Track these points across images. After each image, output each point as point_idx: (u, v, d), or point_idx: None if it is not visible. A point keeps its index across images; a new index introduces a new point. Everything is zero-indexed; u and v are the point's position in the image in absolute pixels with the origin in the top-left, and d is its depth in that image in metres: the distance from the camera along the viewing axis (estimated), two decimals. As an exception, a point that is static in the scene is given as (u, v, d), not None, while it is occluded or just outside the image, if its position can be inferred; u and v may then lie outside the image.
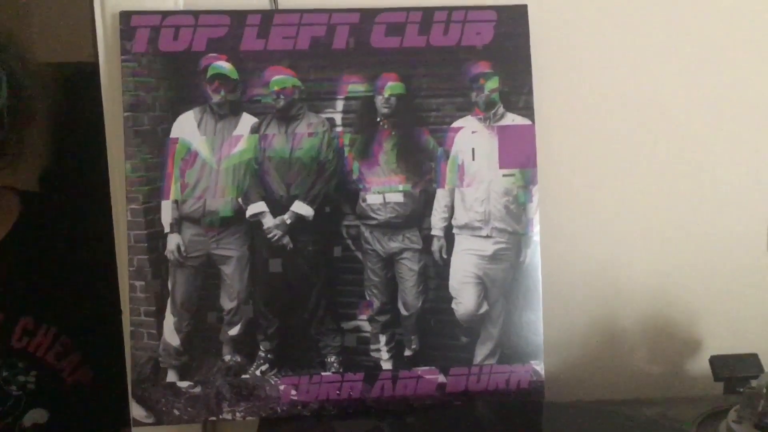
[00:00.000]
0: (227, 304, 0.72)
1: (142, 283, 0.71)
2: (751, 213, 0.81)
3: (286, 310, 0.72)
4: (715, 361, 0.76)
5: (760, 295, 0.82)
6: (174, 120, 0.71)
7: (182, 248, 0.71)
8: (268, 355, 0.72)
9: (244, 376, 0.72)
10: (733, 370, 0.76)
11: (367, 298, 0.73)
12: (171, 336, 0.71)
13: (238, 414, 0.72)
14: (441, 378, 0.74)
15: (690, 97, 0.79)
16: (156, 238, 0.71)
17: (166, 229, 0.71)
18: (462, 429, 0.72)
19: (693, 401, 0.75)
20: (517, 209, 0.74)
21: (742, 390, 0.75)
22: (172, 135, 0.71)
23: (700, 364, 0.79)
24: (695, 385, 0.81)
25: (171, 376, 0.71)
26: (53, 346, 0.89)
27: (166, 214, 0.71)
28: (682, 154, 0.80)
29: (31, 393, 0.88)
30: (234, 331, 0.72)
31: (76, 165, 1.02)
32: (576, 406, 0.74)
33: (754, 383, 0.70)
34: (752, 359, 0.76)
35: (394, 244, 0.74)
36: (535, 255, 0.74)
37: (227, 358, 0.72)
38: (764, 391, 0.67)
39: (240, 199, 0.72)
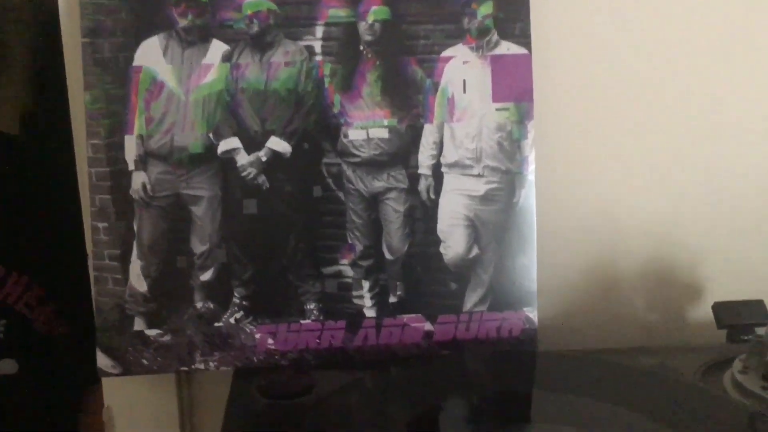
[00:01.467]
0: (198, 247, 0.67)
1: (106, 224, 0.66)
2: (760, 152, 0.76)
3: (262, 254, 0.68)
4: (718, 307, 0.72)
5: (765, 238, 0.78)
6: (137, 47, 0.65)
7: (148, 187, 0.66)
8: (243, 302, 0.67)
9: (217, 324, 0.67)
10: (737, 317, 0.72)
11: (349, 241, 0.68)
12: (138, 281, 0.66)
13: (211, 364, 0.68)
14: (428, 326, 0.70)
15: (697, 28, 0.73)
16: (120, 176, 0.66)
17: (131, 167, 0.66)
18: (450, 379, 0.68)
19: (694, 350, 0.71)
20: (511, 146, 0.69)
21: (746, 338, 0.71)
22: (135, 63, 0.65)
23: (703, 311, 0.75)
24: (697, 333, 0.77)
25: (138, 324, 0.67)
26: (24, 295, 0.85)
27: (131, 150, 0.66)
28: (688, 90, 0.74)
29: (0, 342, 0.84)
30: (206, 276, 0.67)
31: (53, 105, 0.97)
32: (570, 355, 0.70)
33: (760, 331, 0.67)
34: (758, 306, 0.72)
35: (378, 184, 0.68)
36: (529, 196, 0.69)
37: (199, 305, 0.67)
38: (772, 339, 0.63)
39: (211, 135, 0.66)
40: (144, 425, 0.76)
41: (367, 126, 0.68)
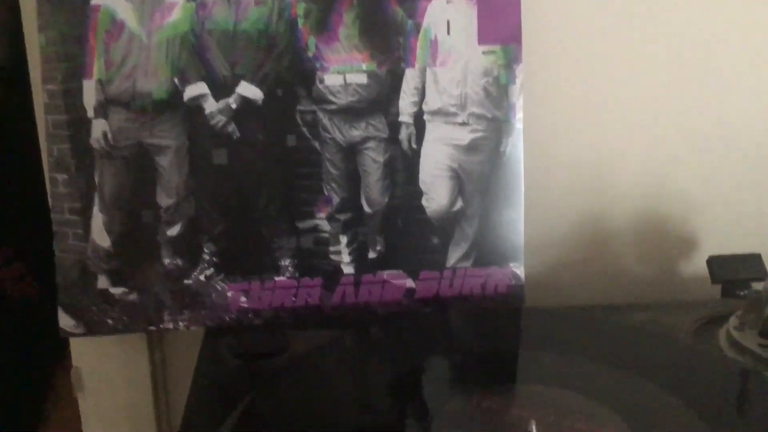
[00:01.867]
0: (164, 200, 0.63)
1: (65, 176, 0.62)
2: (757, 101, 0.72)
3: (233, 207, 0.64)
4: (713, 261, 0.69)
5: (763, 190, 0.75)
6: (94, -17, 0.60)
7: (109, 136, 0.62)
8: (214, 258, 0.64)
9: (186, 282, 0.64)
10: (733, 271, 0.68)
11: (326, 193, 0.65)
12: (100, 237, 0.62)
13: (181, 323, 0.64)
14: (409, 283, 0.66)
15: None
16: (79, 125, 0.61)
17: (90, 114, 0.61)
18: (433, 338, 0.65)
19: (688, 306, 0.68)
20: (498, 92, 0.65)
21: (742, 294, 0.68)
22: (93, 2, 0.60)
23: (697, 266, 0.72)
24: (691, 288, 0.74)
25: (102, 282, 0.63)
26: None
27: (90, 96, 0.61)
28: (683, 36, 0.70)
29: None
30: (173, 231, 0.63)
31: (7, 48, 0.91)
32: (558, 312, 0.67)
33: (757, 286, 0.63)
34: (754, 260, 0.69)
35: (357, 132, 0.64)
36: (517, 145, 0.65)
37: (166, 261, 0.63)
38: (771, 295, 0.60)
39: (176, 80, 0.62)
40: (115, 386, 0.73)
41: (344, 70, 0.63)
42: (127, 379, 0.73)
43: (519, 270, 0.67)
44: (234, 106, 0.62)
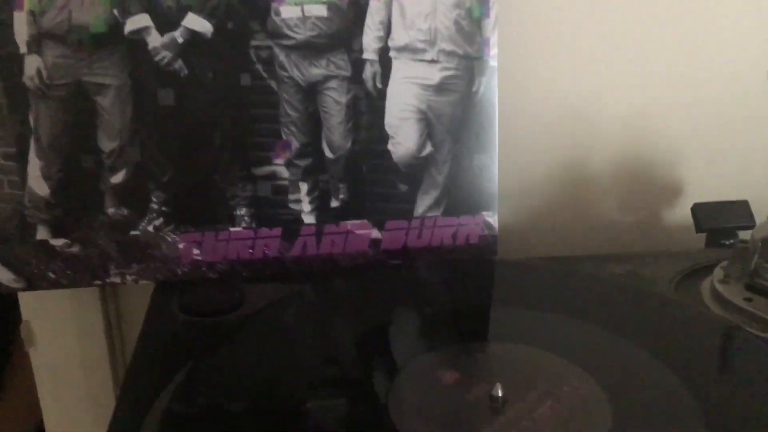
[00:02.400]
0: (107, 144, 0.58)
1: (-4, 118, 0.56)
2: (747, 42, 0.68)
3: (183, 152, 0.59)
4: (698, 209, 0.65)
5: (751, 134, 0.70)
6: None
7: (44, 74, 0.56)
8: (163, 208, 0.59)
9: (133, 233, 0.59)
10: (718, 219, 0.65)
11: (284, 137, 0.60)
12: (38, 184, 0.57)
13: (129, 277, 0.60)
14: (375, 233, 0.62)
15: None
16: (10, 61, 0.56)
17: (23, 49, 0.56)
18: (400, 292, 0.61)
19: (670, 257, 0.64)
20: (471, 27, 0.60)
21: (728, 243, 0.65)
22: (21, -77, 0.55)
23: (681, 214, 0.68)
24: (674, 238, 0.70)
25: (42, 233, 0.58)
26: None
27: (21, 29, 0.56)
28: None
29: None
30: (117, 178, 0.58)
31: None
32: (533, 264, 0.63)
33: (744, 235, 0.60)
34: (742, 207, 0.65)
35: (317, 71, 0.59)
36: (491, 85, 0.60)
37: (111, 211, 0.59)
38: (759, 245, 0.56)
39: (116, 11, 0.56)
40: (67, 340, 0.70)
41: (302, 2, 0.58)
42: (80, 333, 0.70)
43: (492, 219, 0.63)
44: (180, 40, 0.57)
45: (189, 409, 0.45)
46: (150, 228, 0.59)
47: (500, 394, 0.44)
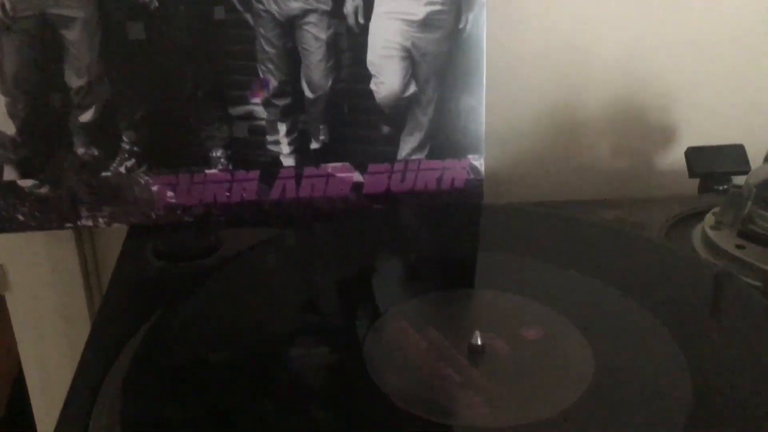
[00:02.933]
0: (75, 81, 0.55)
1: (-43, 53, 0.54)
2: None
3: (155, 90, 0.56)
4: (691, 153, 0.63)
5: (748, 77, 0.68)
6: None
7: (7, 6, 0.53)
8: (134, 148, 0.57)
9: (104, 174, 0.57)
10: (712, 164, 0.63)
11: (261, 75, 0.57)
12: (4, 122, 0.55)
13: (101, 220, 0.58)
14: (357, 176, 0.60)
15: None
16: (-30, -8, 0.53)
17: (-18, -21, 0.53)
18: (383, 238, 0.59)
19: (662, 203, 0.63)
20: (458, -41, 0.57)
21: (721, 188, 0.63)
22: None
23: (674, 158, 0.66)
24: (666, 183, 0.68)
25: (9, 174, 0.56)
26: None
27: (-20, -43, 0.53)
28: None
29: None
30: (86, 116, 0.56)
31: None
32: (520, 209, 0.61)
33: (738, 181, 0.58)
34: (737, 151, 0.63)
35: (295, 4, 0.56)
36: (478, 21, 0.58)
37: (80, 151, 0.56)
38: (753, 190, 0.54)
39: (82, -62, 0.53)
40: (44, 283, 0.68)
41: (279, -70, 0.55)
42: (56, 276, 0.68)
43: (478, 163, 0.60)
44: (151, -29, 0.54)
45: (157, 356, 0.43)
46: (122, 169, 0.57)
47: (479, 343, 0.43)
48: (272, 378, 0.43)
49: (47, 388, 0.71)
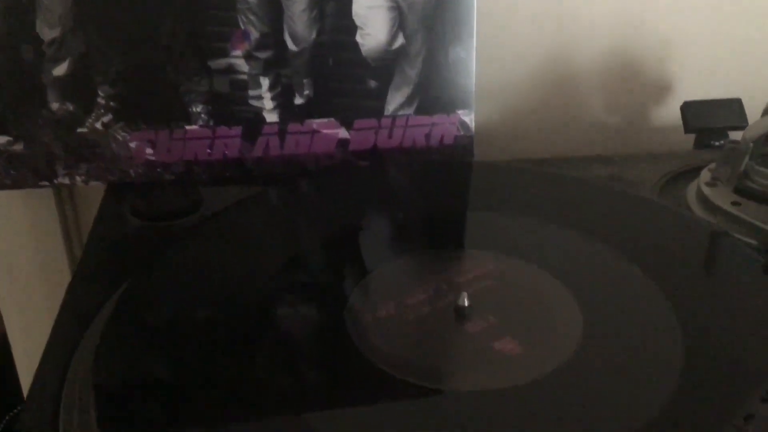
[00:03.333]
0: (47, 33, 0.53)
1: None
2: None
3: (131, 42, 0.54)
4: (687, 107, 0.62)
5: (746, 30, 0.66)
6: None
7: (-27, -47, 0.51)
8: (111, 103, 0.55)
9: (80, 130, 0.55)
10: (709, 119, 0.61)
11: (242, 26, 0.55)
12: (-27, 77, 0.53)
13: (78, 178, 0.56)
14: (342, 133, 0.58)
15: None
16: (-67, -62, 0.50)
17: (-54, -75, 0.50)
18: (369, 196, 0.57)
19: (656, 159, 0.61)
20: None
21: (717, 144, 0.61)
22: None
23: (671, 113, 0.65)
24: (661, 139, 0.66)
25: (-19, 131, 0.54)
26: None
27: None
28: None
29: None
30: (60, 70, 0.53)
31: None
32: (512, 167, 0.60)
33: (735, 136, 0.56)
34: (734, 106, 0.61)
35: (276, -49, 0.54)
36: (469, -30, 0.55)
37: (54, 106, 0.54)
38: (750, 146, 0.52)
39: None
40: (24, 242, 0.66)
41: None
42: (36, 235, 0.66)
43: (468, 118, 0.59)
44: None
45: (134, 316, 0.42)
46: (98, 125, 0.55)
47: (466, 304, 0.42)
48: (253, 338, 0.41)
49: (30, 348, 0.70)
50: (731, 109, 0.61)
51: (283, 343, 0.42)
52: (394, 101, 0.58)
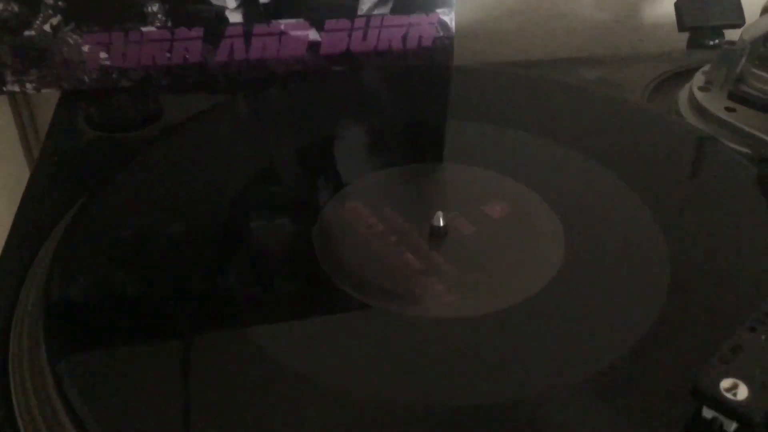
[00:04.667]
0: (-19, -76, 0.48)
1: None
2: None
3: (76, -66, 0.49)
4: (681, 4, 0.58)
5: None
6: None
7: None
8: (59, 3, 0.50)
9: (27, 33, 0.51)
10: (704, 16, 0.58)
11: None
12: None
13: (29, 85, 0.52)
14: (313, 35, 0.54)
15: None
16: None
17: None
18: (343, 102, 0.53)
19: (648, 60, 0.58)
20: None
21: (712, 43, 0.58)
22: None
23: (663, 10, 0.61)
24: (653, 38, 0.63)
25: None
26: None
27: None
28: None
29: None
30: (0, -33, 0.49)
31: None
32: (494, 70, 0.56)
33: (731, 36, 0.52)
34: (730, 3, 0.58)
35: None
36: None
37: (-2, 7, 0.50)
38: (747, 46, 0.49)
39: None
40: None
41: None
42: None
43: (448, 18, 0.55)
44: None
45: (88, 232, 0.39)
46: (47, 27, 0.51)
47: (441, 224, 0.39)
48: (212, 254, 0.39)
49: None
50: (728, 6, 0.57)
51: (246, 259, 0.39)
52: (368, 0, 0.54)
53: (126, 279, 0.38)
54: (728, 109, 0.49)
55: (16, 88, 0.52)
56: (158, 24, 0.52)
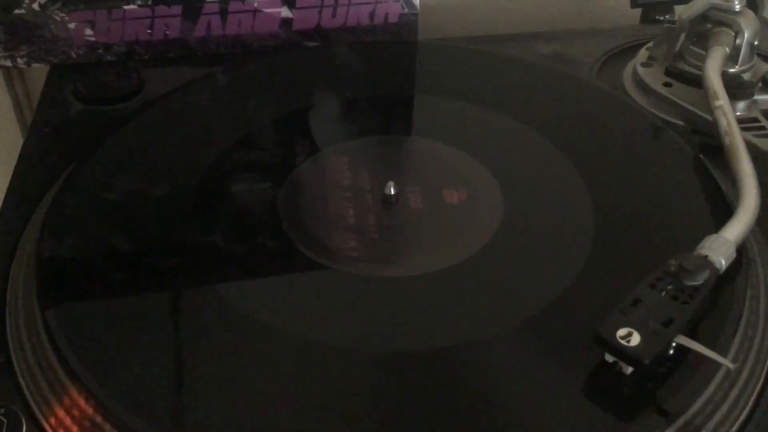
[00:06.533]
0: None
1: None
2: None
3: None
4: (634, -19, 0.61)
5: None
6: None
7: None
8: (46, -17, 0.54)
9: (17, 11, 0.54)
10: (654, -7, 0.61)
11: None
12: None
13: (19, 60, 0.56)
14: (285, 12, 0.58)
15: None
16: None
17: None
18: (314, 76, 0.57)
19: (601, 35, 0.61)
20: None
21: (661, 18, 0.61)
22: None
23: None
24: (609, 14, 0.66)
25: None
26: None
27: None
28: None
29: None
30: (-10, -51, 0.52)
31: None
32: (455, 46, 0.59)
33: (681, 11, 0.55)
34: (680, -19, 0.61)
35: None
36: None
37: (-12, -13, 0.53)
38: (686, 24, 0.53)
39: None
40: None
41: None
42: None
43: (413, -5, 0.58)
44: None
45: (75, 199, 0.44)
46: (35, 6, 0.54)
47: (392, 192, 0.43)
48: (191, 216, 0.43)
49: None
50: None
51: (215, 221, 0.43)
52: (336, -22, 0.57)
53: (109, 237, 0.42)
54: (666, 85, 0.52)
55: (8, 63, 0.56)
56: (139, 2, 0.55)
